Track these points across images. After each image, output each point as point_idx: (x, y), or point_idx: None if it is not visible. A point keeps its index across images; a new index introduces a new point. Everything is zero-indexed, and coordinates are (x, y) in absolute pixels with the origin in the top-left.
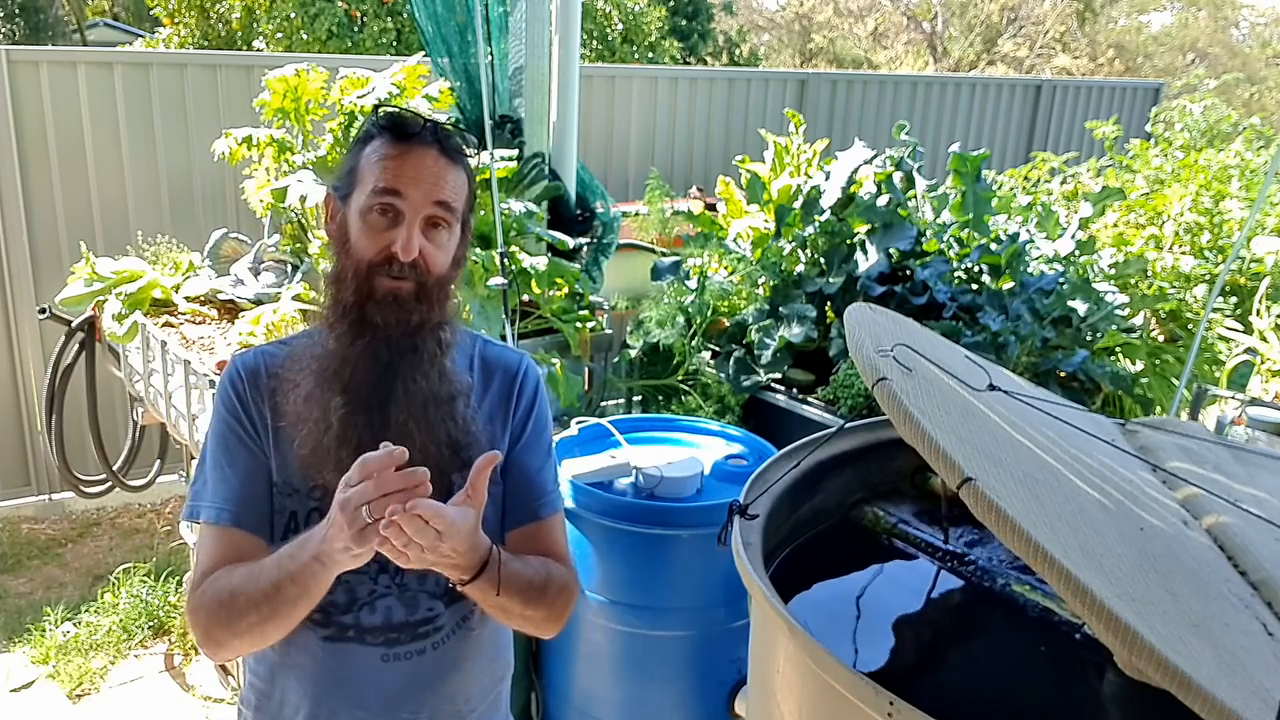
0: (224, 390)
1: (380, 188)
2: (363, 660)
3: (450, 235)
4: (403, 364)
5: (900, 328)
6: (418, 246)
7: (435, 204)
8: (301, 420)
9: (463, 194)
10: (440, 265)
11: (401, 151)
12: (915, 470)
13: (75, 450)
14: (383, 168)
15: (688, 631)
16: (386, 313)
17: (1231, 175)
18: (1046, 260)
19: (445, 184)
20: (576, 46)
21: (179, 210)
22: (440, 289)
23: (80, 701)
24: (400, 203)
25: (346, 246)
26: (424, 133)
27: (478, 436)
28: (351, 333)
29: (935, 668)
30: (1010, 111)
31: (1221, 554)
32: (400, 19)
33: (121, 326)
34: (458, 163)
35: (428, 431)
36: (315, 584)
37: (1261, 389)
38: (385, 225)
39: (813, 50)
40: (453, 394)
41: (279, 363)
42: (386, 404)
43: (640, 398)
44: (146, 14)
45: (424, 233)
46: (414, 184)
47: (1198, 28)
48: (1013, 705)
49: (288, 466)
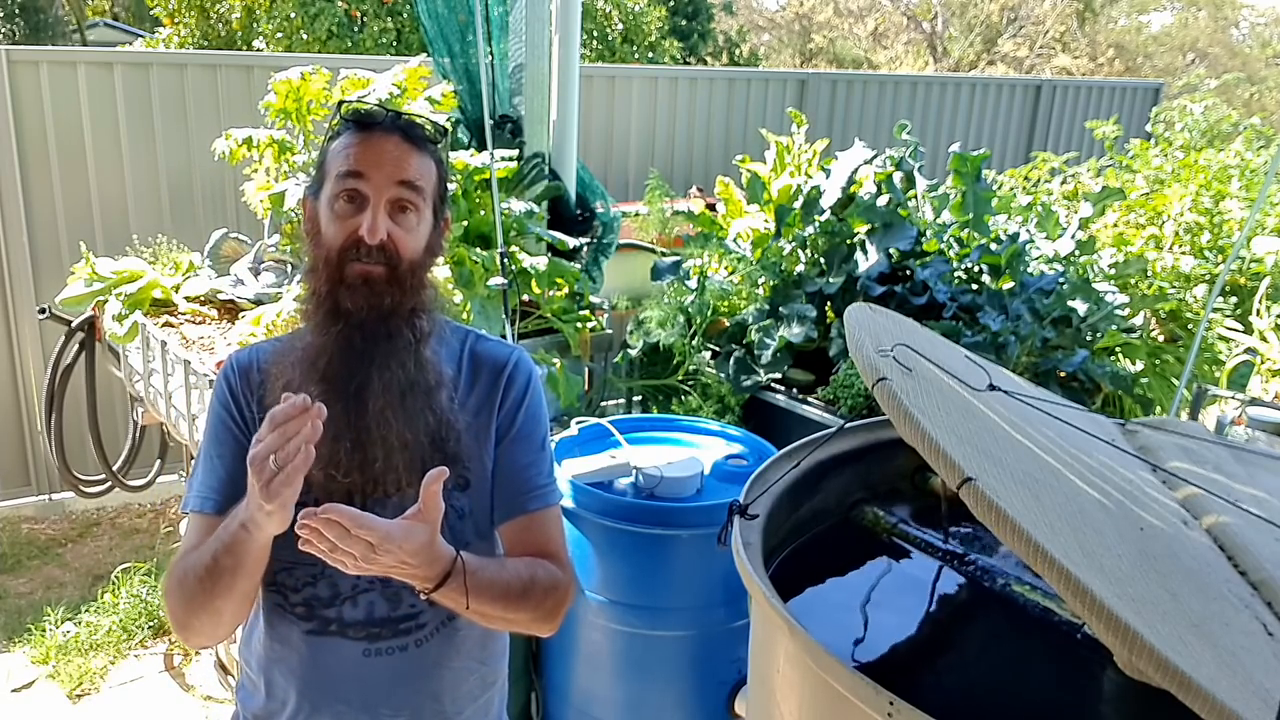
0: (219, 385)
1: (343, 172)
2: (345, 655)
3: (419, 219)
4: (378, 351)
5: (900, 328)
6: (384, 228)
7: (399, 184)
8: None
9: (430, 178)
10: (411, 249)
11: (364, 138)
12: (915, 470)
13: (75, 450)
14: (346, 155)
15: (688, 631)
16: (358, 297)
17: (1231, 175)
18: (1046, 260)
19: (409, 166)
20: (576, 46)
21: (179, 210)
22: (413, 274)
23: (80, 701)
24: (364, 185)
25: (318, 238)
26: (386, 121)
27: (459, 429)
28: (327, 321)
29: (935, 668)
30: (1010, 111)
31: (1221, 554)
32: (400, 19)
33: (121, 326)
34: (423, 149)
35: (406, 421)
36: (245, 552)
37: (1261, 389)
38: (352, 211)
39: (813, 50)
40: (432, 384)
41: (269, 358)
42: (363, 392)
43: (640, 398)
44: (146, 14)
45: (391, 216)
46: (376, 166)
47: (1198, 28)
48: (1013, 705)
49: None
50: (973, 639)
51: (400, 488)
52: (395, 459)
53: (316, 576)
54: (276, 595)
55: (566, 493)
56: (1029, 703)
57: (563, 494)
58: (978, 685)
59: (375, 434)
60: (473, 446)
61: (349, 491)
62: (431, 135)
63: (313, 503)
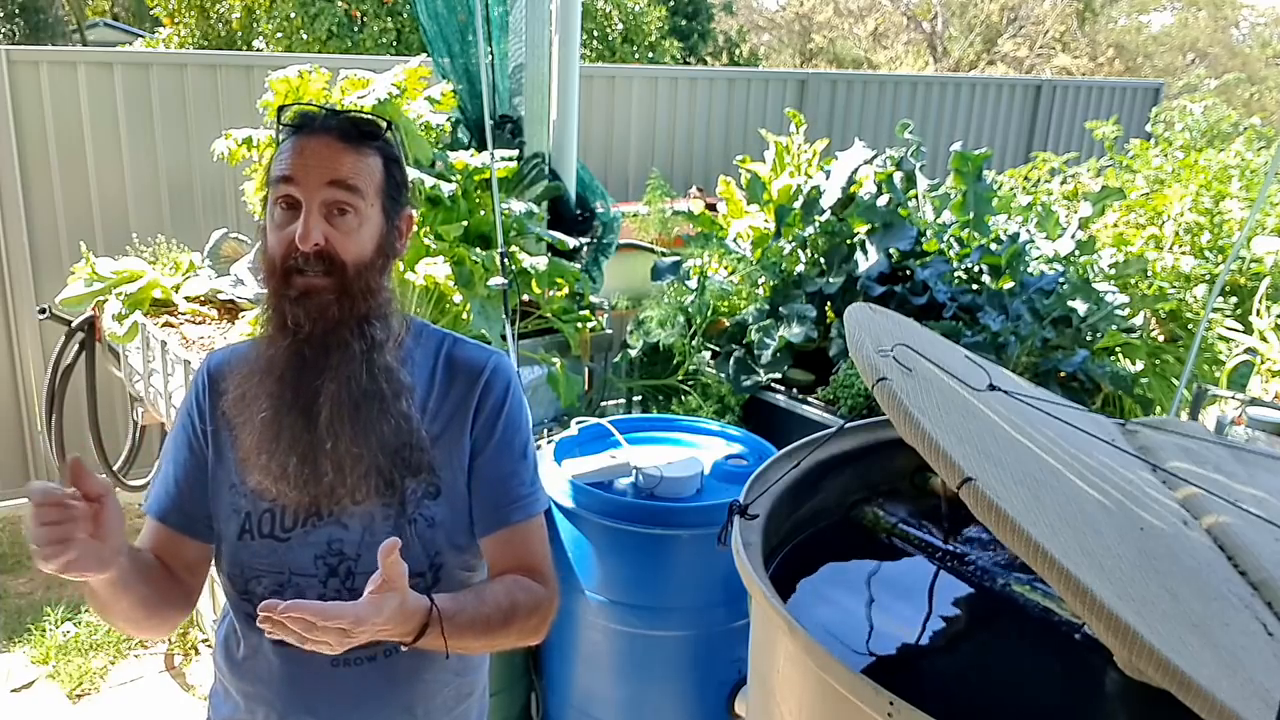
0: (191, 388)
1: (276, 178)
2: (312, 666)
3: (360, 220)
4: (328, 363)
5: (900, 328)
6: (317, 233)
7: (330, 185)
8: (240, 422)
9: (370, 176)
10: (354, 253)
11: (297, 141)
12: (915, 470)
13: (75, 450)
14: (280, 160)
15: (688, 631)
16: (299, 311)
17: (1231, 175)
18: (1046, 260)
19: (341, 165)
20: (576, 46)
21: (179, 210)
22: (361, 279)
23: (80, 701)
24: (296, 190)
25: (265, 249)
26: (318, 121)
27: (423, 438)
28: (277, 334)
29: (935, 668)
30: (1010, 111)
31: (1221, 554)
32: (400, 19)
33: (121, 326)
34: (360, 146)
35: (358, 433)
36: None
37: (1261, 389)
38: (289, 219)
39: (813, 50)
40: (391, 392)
41: (239, 363)
42: (313, 404)
43: (640, 398)
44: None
45: (328, 219)
46: (306, 169)
47: (1198, 28)
48: (1013, 705)
49: (236, 468)
50: (973, 639)
51: (360, 499)
52: (346, 472)
53: (283, 585)
54: (247, 604)
55: (566, 492)
56: (1029, 703)
57: (547, 500)
58: (978, 685)
59: (324, 448)
60: (444, 454)
61: (311, 503)
62: (370, 130)
63: (279, 512)
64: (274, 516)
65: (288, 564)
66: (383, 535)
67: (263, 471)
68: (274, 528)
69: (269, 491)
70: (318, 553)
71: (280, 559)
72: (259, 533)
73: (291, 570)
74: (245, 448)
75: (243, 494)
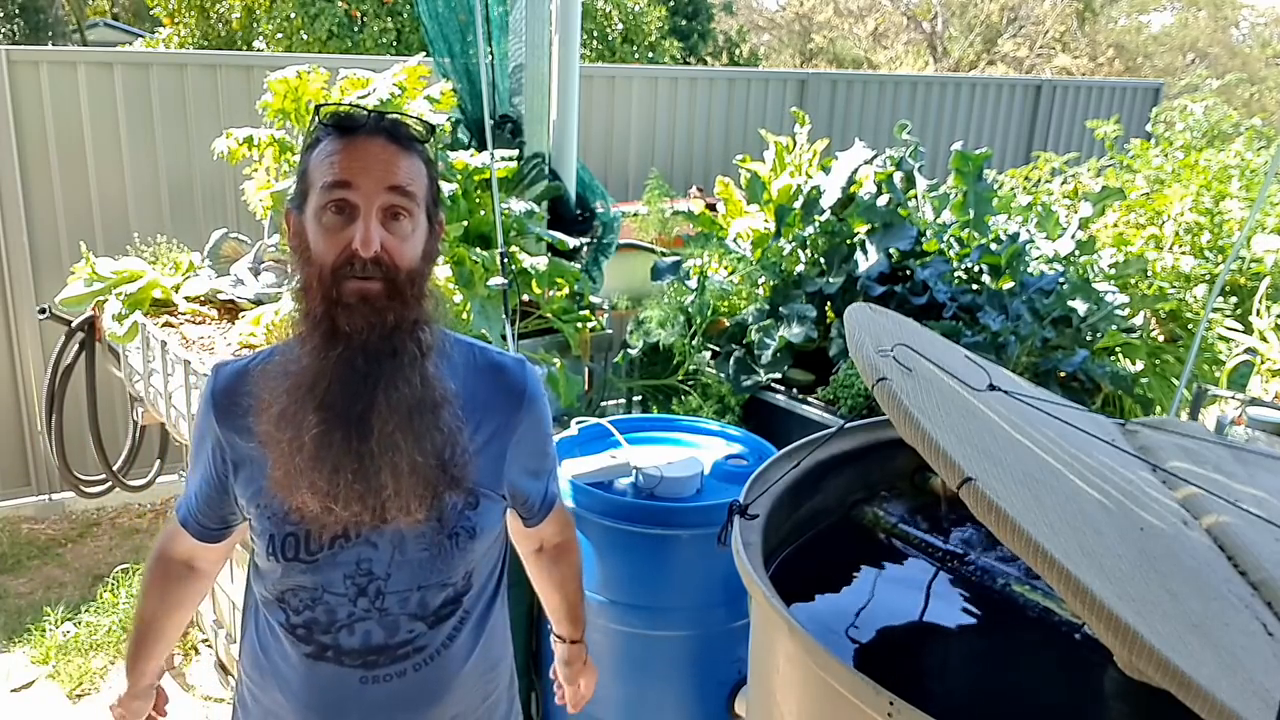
0: (205, 401)
1: (329, 183)
2: (342, 680)
3: (414, 225)
4: (383, 371)
5: (900, 328)
6: (378, 239)
7: (389, 190)
8: (274, 441)
9: (421, 181)
10: (408, 259)
11: (348, 144)
12: (915, 470)
13: (75, 450)
14: (330, 163)
15: (688, 631)
16: (357, 317)
17: (1232, 175)
18: (1046, 260)
19: (398, 170)
20: (576, 46)
21: (179, 210)
22: (413, 285)
23: (80, 701)
24: (353, 195)
25: (308, 255)
26: (369, 123)
27: (466, 449)
28: (325, 344)
29: (935, 667)
30: (1010, 111)
31: (1221, 554)
32: (400, 19)
33: (121, 326)
34: (411, 149)
35: (415, 442)
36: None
37: (1261, 389)
38: (342, 223)
39: (813, 50)
40: (437, 401)
41: (255, 381)
42: (367, 416)
43: (640, 398)
44: (146, 14)
45: (384, 224)
46: (364, 173)
47: (1198, 28)
48: (1012, 705)
49: (263, 489)
50: (972, 639)
51: (408, 512)
52: (404, 483)
53: (315, 600)
54: (280, 613)
55: (566, 492)
56: (1029, 703)
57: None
58: (977, 685)
59: (381, 460)
60: (482, 463)
61: (345, 526)
62: (419, 134)
63: (303, 535)
64: (298, 540)
65: (319, 582)
66: (414, 553)
67: (313, 489)
68: (299, 551)
69: (310, 511)
70: (346, 572)
71: (310, 578)
72: (283, 556)
73: (324, 588)
74: (288, 469)
75: (268, 515)
